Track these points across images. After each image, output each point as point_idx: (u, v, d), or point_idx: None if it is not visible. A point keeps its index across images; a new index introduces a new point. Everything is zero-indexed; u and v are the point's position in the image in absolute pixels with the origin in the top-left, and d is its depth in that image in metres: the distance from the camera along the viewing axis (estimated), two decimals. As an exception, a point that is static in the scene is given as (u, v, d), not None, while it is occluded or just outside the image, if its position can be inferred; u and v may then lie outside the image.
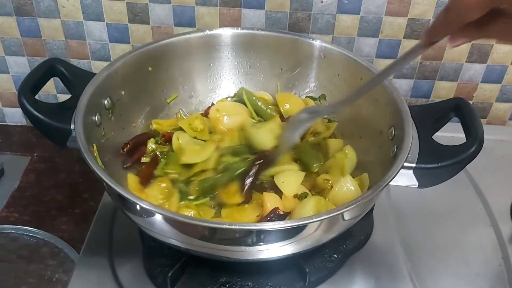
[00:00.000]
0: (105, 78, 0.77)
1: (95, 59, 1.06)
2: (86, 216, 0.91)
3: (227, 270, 0.74)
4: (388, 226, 0.85)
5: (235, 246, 0.63)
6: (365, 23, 0.99)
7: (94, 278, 0.75)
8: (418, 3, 0.96)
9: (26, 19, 1.01)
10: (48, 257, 0.85)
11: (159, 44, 0.86)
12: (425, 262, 0.80)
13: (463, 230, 0.86)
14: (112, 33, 1.02)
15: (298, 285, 0.74)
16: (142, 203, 0.59)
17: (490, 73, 1.06)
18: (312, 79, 0.92)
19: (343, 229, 0.67)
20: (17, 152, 1.09)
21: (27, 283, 0.82)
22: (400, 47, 1.02)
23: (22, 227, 0.89)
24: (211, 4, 0.98)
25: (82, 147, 0.65)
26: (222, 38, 0.91)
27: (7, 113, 1.16)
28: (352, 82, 0.85)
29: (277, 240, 0.62)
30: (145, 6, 0.98)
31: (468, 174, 0.96)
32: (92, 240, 0.81)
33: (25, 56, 1.06)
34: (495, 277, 0.79)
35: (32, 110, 0.69)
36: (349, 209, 0.61)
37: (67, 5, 0.99)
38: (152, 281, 0.74)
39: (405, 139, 0.68)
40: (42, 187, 1.00)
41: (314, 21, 0.99)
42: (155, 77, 0.87)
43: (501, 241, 0.84)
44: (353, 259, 0.79)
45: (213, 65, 0.93)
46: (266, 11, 0.98)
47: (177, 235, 0.63)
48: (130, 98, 0.83)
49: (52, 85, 1.10)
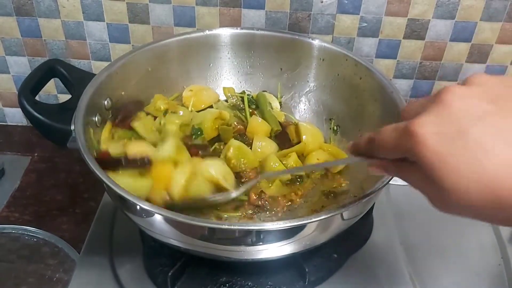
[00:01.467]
0: (105, 78, 0.77)
1: (95, 59, 1.06)
2: (87, 216, 0.91)
3: (227, 270, 0.75)
4: (388, 226, 0.85)
5: (235, 246, 0.63)
6: (365, 23, 0.99)
7: (94, 278, 0.75)
8: (418, 3, 0.96)
9: (26, 19, 1.01)
10: (49, 257, 0.85)
11: (159, 44, 0.86)
12: (425, 262, 0.80)
13: (463, 230, 0.86)
14: (112, 33, 1.02)
15: (298, 284, 0.74)
16: (142, 204, 0.59)
17: (490, 73, 1.05)
18: (312, 79, 0.92)
19: (342, 228, 0.67)
20: (17, 152, 1.09)
21: (27, 283, 0.82)
22: (400, 47, 1.02)
23: (23, 227, 0.90)
24: (211, 4, 0.98)
25: (82, 147, 0.65)
26: (222, 38, 0.91)
27: (7, 113, 1.16)
28: (352, 82, 0.85)
29: (276, 240, 0.62)
30: (145, 6, 0.99)
31: (468, 174, 0.95)
32: (92, 240, 0.81)
33: (25, 56, 1.06)
34: (495, 277, 0.79)
35: (32, 111, 0.70)
36: (349, 209, 0.61)
37: (67, 5, 0.99)
38: (152, 281, 0.74)
39: (405, 139, 0.68)
40: (42, 187, 1.00)
41: (314, 21, 0.99)
42: (155, 77, 0.87)
43: (500, 241, 0.84)
44: (353, 259, 0.79)
45: (213, 65, 0.93)
46: (266, 11, 0.98)
47: (177, 235, 0.63)
48: (130, 98, 0.83)
49: (53, 86, 1.10)
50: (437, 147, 0.38)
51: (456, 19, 0.97)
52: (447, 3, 0.95)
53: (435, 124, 0.39)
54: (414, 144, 0.40)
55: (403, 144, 0.41)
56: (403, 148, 0.42)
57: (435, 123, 0.39)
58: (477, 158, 0.37)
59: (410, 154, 0.41)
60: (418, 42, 1.01)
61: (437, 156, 0.38)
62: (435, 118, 0.39)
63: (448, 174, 0.38)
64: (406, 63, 1.04)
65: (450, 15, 0.97)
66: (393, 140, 0.43)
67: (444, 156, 0.38)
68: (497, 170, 0.36)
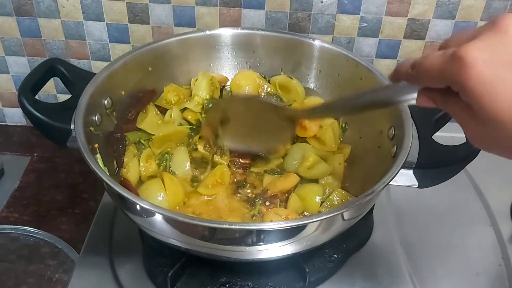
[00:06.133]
0: (105, 78, 0.77)
1: (95, 59, 1.06)
2: (86, 216, 0.91)
3: (227, 270, 0.75)
4: (388, 226, 0.85)
5: (235, 246, 0.63)
6: (365, 23, 0.99)
7: (94, 278, 0.75)
8: (418, 3, 0.96)
9: (26, 19, 1.01)
10: (48, 257, 0.85)
11: (159, 44, 0.86)
12: (425, 262, 0.80)
13: (463, 230, 0.86)
14: (112, 33, 1.02)
15: (298, 285, 0.74)
16: (142, 203, 0.59)
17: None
18: (312, 79, 0.92)
19: (343, 229, 0.67)
20: (17, 152, 1.09)
21: (27, 283, 0.82)
22: (400, 47, 1.02)
23: (22, 227, 0.89)
24: (211, 4, 0.98)
25: (82, 147, 0.65)
26: (222, 38, 0.91)
27: (7, 113, 1.16)
28: (352, 82, 0.85)
29: (277, 240, 0.62)
30: (145, 6, 0.98)
31: (468, 174, 0.96)
32: (92, 240, 0.81)
33: (25, 56, 1.06)
34: (495, 277, 0.79)
35: (32, 110, 0.70)
36: (349, 209, 0.61)
37: (67, 5, 0.99)
38: (152, 281, 0.74)
39: (405, 139, 0.68)
40: (42, 187, 1.00)
41: (314, 21, 0.99)
42: (155, 77, 0.87)
43: (501, 241, 0.84)
44: (353, 259, 0.79)
45: (213, 65, 0.93)
46: (266, 11, 0.98)
47: (177, 235, 0.63)
48: (130, 98, 0.83)
49: (52, 85, 1.10)
50: (486, 74, 0.37)
51: (456, 19, 0.97)
52: (447, 3, 0.95)
53: (487, 51, 0.37)
54: (461, 70, 0.38)
55: (450, 70, 0.39)
56: (449, 74, 0.39)
57: (488, 50, 0.37)
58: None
59: (456, 81, 0.39)
60: (418, 42, 1.01)
61: (484, 84, 0.37)
62: (489, 45, 0.38)
63: (491, 102, 0.37)
64: (406, 63, 1.04)
65: (450, 15, 0.97)
66: (439, 66, 0.41)
67: (490, 84, 0.37)
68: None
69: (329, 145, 0.84)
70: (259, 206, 0.76)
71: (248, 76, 0.91)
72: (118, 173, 0.78)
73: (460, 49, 0.38)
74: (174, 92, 0.88)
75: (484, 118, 0.38)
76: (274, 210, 0.75)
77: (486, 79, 0.37)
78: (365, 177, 0.76)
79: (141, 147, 0.83)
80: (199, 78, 0.89)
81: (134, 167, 0.79)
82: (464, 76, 0.38)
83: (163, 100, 0.88)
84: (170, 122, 0.85)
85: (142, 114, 0.84)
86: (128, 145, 0.81)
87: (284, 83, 0.91)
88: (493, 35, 0.38)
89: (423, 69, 0.43)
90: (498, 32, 0.38)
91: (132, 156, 0.80)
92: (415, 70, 0.45)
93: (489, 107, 0.37)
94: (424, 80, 0.44)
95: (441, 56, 0.41)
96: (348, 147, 0.85)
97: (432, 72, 0.42)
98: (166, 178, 0.77)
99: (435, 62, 0.41)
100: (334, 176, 0.81)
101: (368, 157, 0.80)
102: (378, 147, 0.78)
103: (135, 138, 0.82)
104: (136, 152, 0.81)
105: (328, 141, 0.84)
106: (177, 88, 0.89)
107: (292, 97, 0.90)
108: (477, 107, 0.38)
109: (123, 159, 0.79)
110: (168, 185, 0.76)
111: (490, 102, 0.37)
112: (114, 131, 0.79)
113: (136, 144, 0.82)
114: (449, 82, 0.40)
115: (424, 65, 0.43)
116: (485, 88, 0.37)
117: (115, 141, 0.79)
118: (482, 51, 0.37)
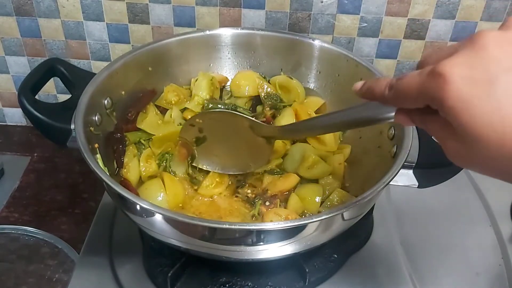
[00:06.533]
0: (105, 78, 0.77)
1: (95, 59, 1.06)
2: (86, 216, 0.91)
3: (227, 270, 0.75)
4: (388, 226, 0.85)
5: (235, 246, 0.63)
6: (365, 23, 0.99)
7: (94, 278, 0.75)
8: (418, 3, 0.96)
9: (26, 19, 1.01)
10: (48, 257, 0.85)
11: (159, 44, 0.86)
12: (425, 262, 0.80)
13: (463, 230, 0.86)
14: (112, 33, 1.02)
15: (298, 285, 0.74)
16: (142, 203, 0.59)
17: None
18: (312, 79, 0.92)
19: (343, 229, 0.67)
20: (17, 152, 1.09)
21: (27, 283, 0.82)
22: (400, 47, 1.02)
23: (22, 227, 0.89)
24: (211, 4, 0.98)
25: (82, 147, 0.65)
26: (222, 38, 0.91)
27: (7, 113, 1.16)
28: (352, 83, 0.84)
29: (277, 240, 0.62)
30: (145, 6, 0.98)
31: (468, 174, 0.96)
32: (92, 240, 0.81)
33: (25, 56, 1.06)
34: (495, 277, 0.79)
35: (32, 110, 0.69)
36: (349, 209, 0.61)
37: (67, 5, 0.99)
38: (152, 281, 0.74)
39: (405, 139, 0.68)
40: (42, 187, 1.00)
41: (314, 21, 0.99)
42: (155, 77, 0.87)
43: (501, 241, 0.84)
44: (353, 259, 0.79)
45: (213, 65, 0.93)
46: (266, 11, 0.98)
47: (177, 235, 0.63)
48: (130, 98, 0.83)
49: (52, 85, 1.10)
50: (464, 91, 0.36)
51: (456, 19, 0.97)
52: (447, 3, 0.95)
53: (466, 67, 0.37)
54: (440, 86, 0.37)
55: (429, 86, 0.39)
56: (428, 92, 0.39)
57: (466, 66, 0.37)
58: (501, 108, 0.35)
59: (435, 97, 0.38)
60: (418, 42, 1.01)
61: (462, 102, 0.36)
62: (467, 61, 0.37)
63: (470, 119, 0.36)
64: (406, 63, 1.04)
65: (450, 15, 0.97)
66: (417, 84, 0.40)
67: (470, 101, 0.36)
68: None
69: (329, 145, 0.84)
70: (259, 206, 0.76)
71: (248, 76, 0.91)
72: (118, 173, 0.78)
73: (439, 65, 0.38)
74: (174, 92, 0.88)
75: (464, 135, 0.38)
76: (274, 210, 0.74)
77: (465, 96, 0.36)
78: (365, 177, 0.76)
79: (141, 147, 0.83)
80: (199, 78, 0.89)
81: (134, 167, 0.79)
82: (443, 92, 0.37)
83: (163, 100, 0.88)
84: (170, 122, 0.85)
85: (142, 114, 0.84)
86: (128, 145, 0.81)
87: (284, 83, 0.91)
88: (472, 51, 0.38)
89: (400, 90, 0.43)
90: (476, 49, 0.38)
91: (132, 156, 0.80)
92: (392, 92, 0.44)
93: (468, 124, 0.37)
94: (402, 102, 0.44)
95: (419, 74, 0.40)
96: (348, 147, 0.85)
97: (410, 92, 0.41)
98: (166, 178, 0.77)
99: (412, 81, 0.41)
100: (334, 176, 0.80)
101: (368, 157, 0.80)
102: (378, 147, 0.78)
103: (135, 138, 0.82)
104: (136, 152, 0.81)
105: (328, 141, 0.84)
106: (177, 88, 0.89)
107: (292, 97, 0.90)
108: (456, 124, 0.38)
109: (123, 159, 0.79)
110: (168, 185, 0.76)
111: (470, 119, 0.37)
112: (114, 131, 0.79)
113: (136, 144, 0.82)
114: (428, 100, 0.40)
115: (401, 86, 0.43)
116: (464, 105, 0.37)
117: (115, 141, 0.79)
118: (461, 67, 0.37)
